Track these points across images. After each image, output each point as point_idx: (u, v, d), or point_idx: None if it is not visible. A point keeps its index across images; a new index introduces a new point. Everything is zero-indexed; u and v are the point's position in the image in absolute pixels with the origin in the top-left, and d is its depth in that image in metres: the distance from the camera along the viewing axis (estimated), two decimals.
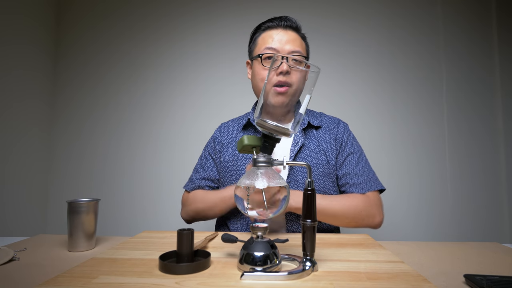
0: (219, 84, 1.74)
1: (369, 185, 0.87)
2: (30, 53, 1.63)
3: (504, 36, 1.65)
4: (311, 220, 0.51)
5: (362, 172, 0.89)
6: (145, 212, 1.72)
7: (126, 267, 0.53)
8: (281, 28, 0.88)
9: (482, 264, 0.61)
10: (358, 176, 0.89)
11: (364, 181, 0.88)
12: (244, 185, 0.53)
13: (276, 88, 0.78)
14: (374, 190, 0.87)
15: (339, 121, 0.99)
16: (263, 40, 0.89)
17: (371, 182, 0.88)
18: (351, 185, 0.88)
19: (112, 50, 1.80)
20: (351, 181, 0.88)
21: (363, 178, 0.88)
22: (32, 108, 1.64)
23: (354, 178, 0.89)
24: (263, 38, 0.89)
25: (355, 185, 0.88)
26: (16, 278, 0.53)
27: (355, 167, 0.90)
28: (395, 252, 0.67)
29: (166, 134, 1.75)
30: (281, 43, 0.86)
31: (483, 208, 1.60)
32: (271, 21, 0.90)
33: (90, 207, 0.70)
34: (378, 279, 0.48)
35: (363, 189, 0.87)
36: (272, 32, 0.88)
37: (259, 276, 0.48)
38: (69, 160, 1.77)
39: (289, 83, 0.78)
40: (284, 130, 0.53)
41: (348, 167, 0.90)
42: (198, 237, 0.63)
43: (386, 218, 0.89)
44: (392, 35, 1.70)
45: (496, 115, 1.64)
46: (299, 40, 0.89)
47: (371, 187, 0.87)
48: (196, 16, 1.78)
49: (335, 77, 1.70)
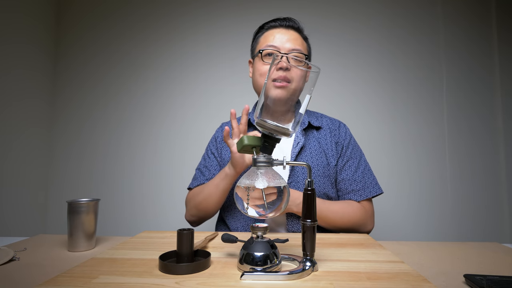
0: (219, 84, 1.74)
1: (367, 191, 0.90)
2: (30, 53, 1.63)
3: (504, 35, 1.65)
4: (311, 220, 0.51)
5: (360, 178, 0.91)
6: (145, 212, 1.72)
7: (126, 267, 0.53)
8: (283, 27, 0.91)
9: (482, 264, 0.61)
10: (356, 183, 0.91)
11: (362, 188, 0.90)
12: (244, 185, 0.53)
13: (275, 82, 0.79)
14: (370, 196, 0.90)
15: (340, 124, 0.99)
16: (265, 38, 0.92)
17: (369, 188, 0.91)
18: (350, 191, 0.90)
19: (112, 50, 1.80)
20: (350, 187, 0.91)
21: (361, 185, 0.91)
22: (32, 108, 1.64)
23: (353, 184, 0.90)
24: (265, 37, 0.92)
25: (354, 191, 0.90)
26: (16, 278, 0.53)
27: (354, 173, 0.92)
28: (395, 252, 0.67)
29: (166, 134, 1.75)
30: (282, 41, 0.88)
31: (483, 208, 1.60)
32: (274, 21, 0.93)
33: (90, 207, 0.70)
34: (378, 279, 0.48)
35: (361, 196, 0.89)
36: (274, 31, 0.91)
37: (259, 276, 0.48)
38: (69, 160, 1.77)
39: (288, 78, 0.79)
40: (284, 130, 0.53)
41: (347, 173, 0.92)
42: (198, 237, 0.63)
43: (386, 218, 0.90)
44: (393, 34, 1.70)
45: (496, 115, 1.64)
46: (300, 39, 0.91)
47: (369, 194, 0.90)
48: (196, 16, 1.78)
49: (335, 77, 1.70)
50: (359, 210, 0.88)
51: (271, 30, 0.91)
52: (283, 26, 0.91)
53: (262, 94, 0.55)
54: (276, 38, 0.89)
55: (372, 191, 0.90)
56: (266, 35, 0.92)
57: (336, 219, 0.84)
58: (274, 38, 0.89)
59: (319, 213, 0.81)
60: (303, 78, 0.67)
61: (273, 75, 0.77)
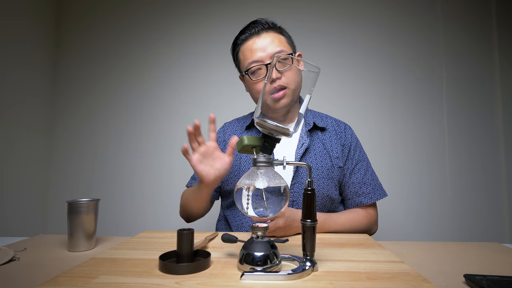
0: (219, 85, 1.74)
1: (376, 194, 0.91)
2: (30, 53, 1.62)
3: (504, 36, 1.64)
4: (311, 220, 0.51)
5: (370, 181, 0.92)
6: (145, 212, 1.72)
7: (126, 267, 0.53)
8: (255, 35, 0.86)
9: (482, 264, 0.61)
10: (366, 185, 0.91)
11: (372, 190, 0.91)
12: (244, 185, 0.53)
13: (273, 95, 0.76)
14: (380, 199, 0.91)
15: (345, 126, 0.99)
16: (243, 55, 0.89)
17: (378, 191, 0.92)
18: (360, 194, 0.91)
19: (112, 50, 1.80)
20: (360, 190, 0.91)
21: (371, 188, 0.91)
22: (32, 108, 1.64)
23: (363, 187, 0.91)
24: (243, 53, 0.89)
25: (364, 194, 0.91)
26: (16, 278, 0.53)
27: (364, 176, 0.92)
28: (395, 252, 0.67)
29: (166, 134, 1.75)
30: (260, 51, 0.84)
31: (483, 208, 1.60)
32: (243, 33, 0.89)
33: (90, 207, 0.70)
34: (378, 279, 0.48)
35: (371, 199, 0.90)
36: (248, 43, 0.87)
37: (259, 276, 0.48)
38: (69, 160, 1.77)
39: (284, 85, 0.77)
40: (284, 130, 0.53)
41: (357, 176, 0.92)
42: (198, 237, 0.63)
43: (386, 218, 0.91)
44: (392, 34, 1.70)
45: (496, 115, 1.64)
46: (276, 38, 0.86)
47: (378, 196, 0.91)
48: (196, 17, 1.78)
49: (335, 77, 1.69)
50: (365, 217, 0.89)
51: (247, 44, 0.87)
52: (254, 33, 0.86)
53: (262, 94, 0.55)
54: (253, 50, 0.85)
55: (381, 193, 0.92)
56: (243, 50, 0.88)
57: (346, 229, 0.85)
58: (252, 52, 0.85)
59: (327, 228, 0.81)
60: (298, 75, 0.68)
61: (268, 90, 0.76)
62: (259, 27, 0.87)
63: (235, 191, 0.54)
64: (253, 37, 0.87)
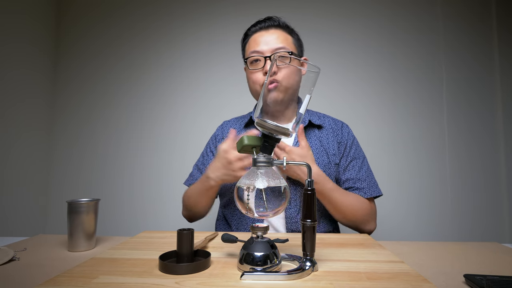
0: (219, 84, 1.74)
1: (371, 190, 0.91)
2: (30, 53, 1.62)
3: (504, 36, 1.64)
4: (311, 220, 0.51)
5: (365, 177, 0.92)
6: (145, 212, 1.72)
7: (126, 267, 0.53)
8: (264, 29, 0.91)
9: (482, 264, 0.61)
10: (361, 181, 0.91)
11: (368, 186, 0.91)
12: (244, 185, 0.53)
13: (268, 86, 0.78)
14: (375, 195, 0.91)
15: (342, 124, 0.99)
16: (248, 45, 0.93)
17: (373, 187, 0.92)
18: (355, 189, 0.91)
19: (112, 50, 1.80)
20: (355, 186, 0.91)
21: (366, 183, 0.91)
22: (32, 108, 1.64)
23: (357, 183, 0.91)
24: (249, 43, 0.93)
25: (359, 189, 0.91)
26: (16, 278, 0.53)
27: (358, 173, 0.92)
28: (395, 252, 0.67)
29: (166, 134, 1.75)
30: (264, 43, 0.89)
31: (483, 208, 1.60)
32: (255, 25, 0.93)
33: (90, 207, 0.70)
34: (378, 279, 0.48)
35: (365, 194, 0.90)
36: (256, 35, 0.91)
37: (259, 276, 0.48)
38: (69, 160, 1.77)
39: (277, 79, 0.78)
40: (284, 130, 0.53)
41: (351, 172, 0.92)
42: (198, 237, 0.63)
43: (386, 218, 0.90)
44: (392, 35, 1.70)
45: (496, 115, 1.64)
46: (283, 36, 0.90)
47: (373, 192, 0.91)
48: (196, 16, 1.78)
49: (335, 77, 1.70)
50: (366, 205, 0.88)
51: (254, 35, 0.91)
52: (264, 27, 0.91)
53: (262, 94, 0.55)
54: (258, 42, 0.89)
55: (375, 190, 0.92)
56: (250, 41, 0.92)
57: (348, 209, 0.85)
58: (256, 43, 0.89)
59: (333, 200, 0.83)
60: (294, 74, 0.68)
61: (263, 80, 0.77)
62: (270, 22, 0.91)
63: (235, 190, 0.54)
64: (262, 31, 0.91)
